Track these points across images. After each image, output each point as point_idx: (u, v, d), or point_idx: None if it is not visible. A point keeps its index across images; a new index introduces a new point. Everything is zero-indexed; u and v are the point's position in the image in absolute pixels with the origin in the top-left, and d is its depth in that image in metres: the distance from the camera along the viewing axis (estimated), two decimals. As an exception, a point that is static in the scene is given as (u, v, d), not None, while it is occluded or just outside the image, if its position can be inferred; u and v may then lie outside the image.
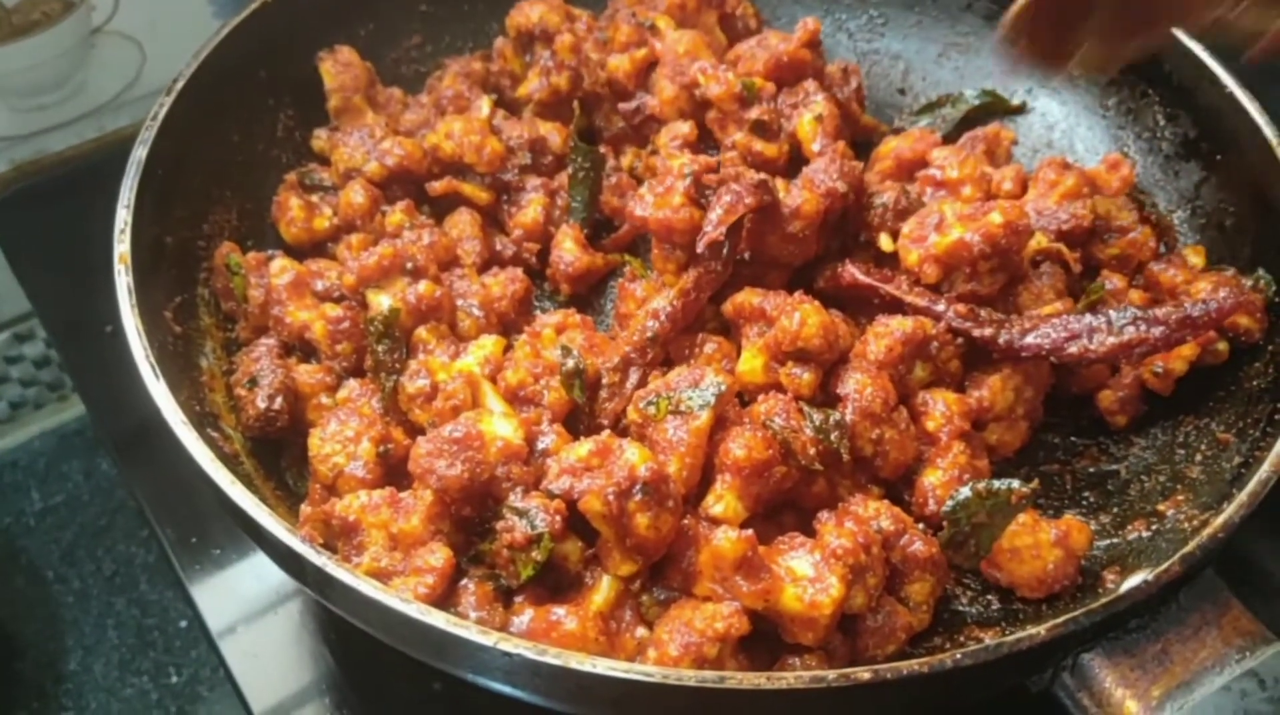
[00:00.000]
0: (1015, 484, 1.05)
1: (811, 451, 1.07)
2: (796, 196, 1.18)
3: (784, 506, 1.11)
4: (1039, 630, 0.89)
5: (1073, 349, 1.13)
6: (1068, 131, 1.53)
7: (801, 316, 1.11)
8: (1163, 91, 1.43)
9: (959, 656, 0.87)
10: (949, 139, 1.48)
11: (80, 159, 1.85)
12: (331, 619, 1.23)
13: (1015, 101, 1.56)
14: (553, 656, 0.86)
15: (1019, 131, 1.53)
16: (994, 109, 1.56)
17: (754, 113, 1.37)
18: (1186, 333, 1.11)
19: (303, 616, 1.30)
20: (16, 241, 1.75)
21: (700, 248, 1.14)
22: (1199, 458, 1.18)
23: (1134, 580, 0.99)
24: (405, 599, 0.90)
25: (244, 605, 1.31)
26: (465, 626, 0.88)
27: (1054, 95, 1.54)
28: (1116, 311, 1.13)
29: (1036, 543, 1.08)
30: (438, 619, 0.88)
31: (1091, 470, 1.23)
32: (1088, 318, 1.14)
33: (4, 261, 1.74)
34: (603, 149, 1.44)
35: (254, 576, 1.33)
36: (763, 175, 1.18)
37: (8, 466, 2.29)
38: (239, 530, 1.03)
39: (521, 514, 0.99)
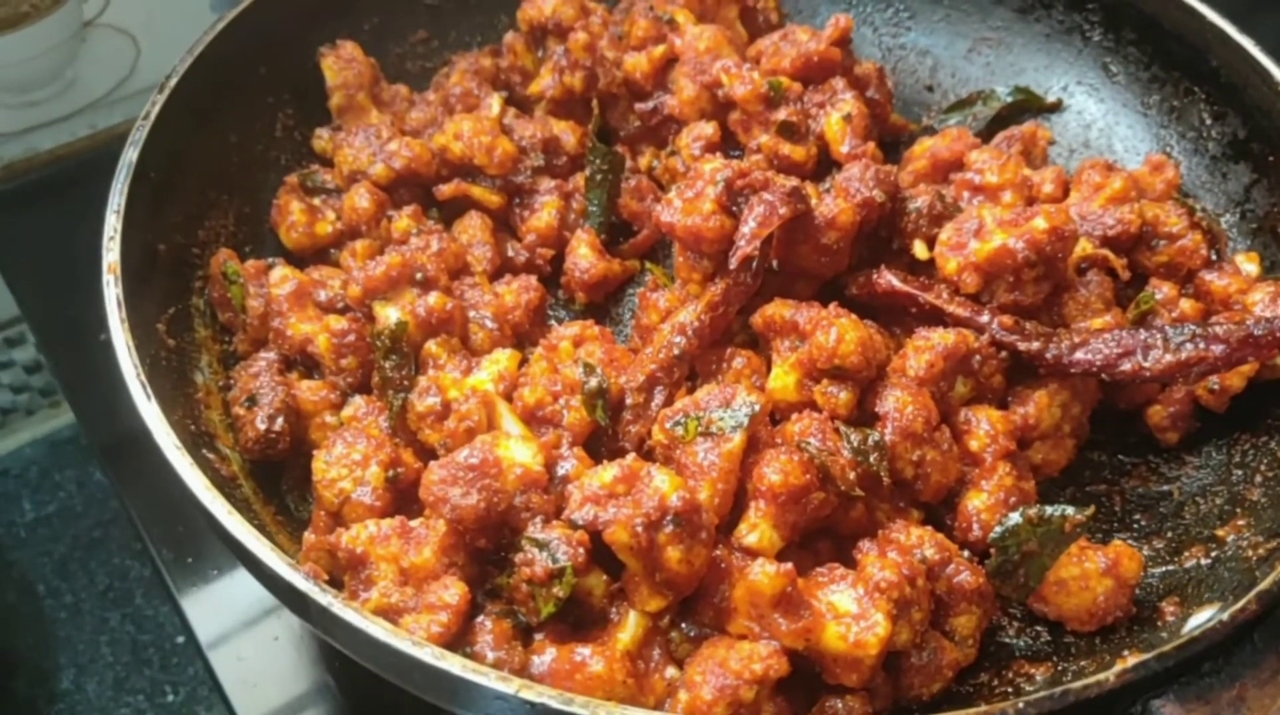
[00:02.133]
0: (1069, 510, 0.98)
1: (851, 476, 1.00)
2: (831, 206, 1.11)
3: (819, 533, 1.04)
4: (1107, 676, 0.82)
5: (1126, 366, 1.07)
6: (1106, 130, 1.46)
7: (839, 332, 1.04)
8: (1209, 89, 1.36)
9: (1021, 706, 0.81)
10: (982, 137, 1.41)
11: (71, 158, 1.81)
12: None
13: (1051, 99, 1.50)
14: (580, 707, 0.79)
15: (1054, 130, 1.48)
16: (1028, 107, 1.50)
17: (780, 114, 1.30)
18: (1249, 352, 1.04)
19: (300, 629, 1.25)
20: (5, 243, 1.69)
21: (733, 263, 1.07)
22: (1259, 479, 1.11)
23: (1202, 616, 0.94)
24: (417, 641, 0.84)
25: (237, 616, 1.26)
26: (484, 673, 0.82)
27: (1091, 93, 1.48)
28: (1174, 328, 1.07)
29: (1084, 573, 1.01)
30: (453, 664, 0.82)
31: (1141, 491, 1.17)
32: (1142, 333, 1.08)
33: (-8, 264, 1.68)
34: (619, 149, 1.38)
35: (248, 588, 1.25)
36: (795, 182, 1.11)
37: (-1, 475, 2.23)
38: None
39: (542, 546, 0.92)
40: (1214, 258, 1.24)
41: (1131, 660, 0.84)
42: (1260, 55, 1.28)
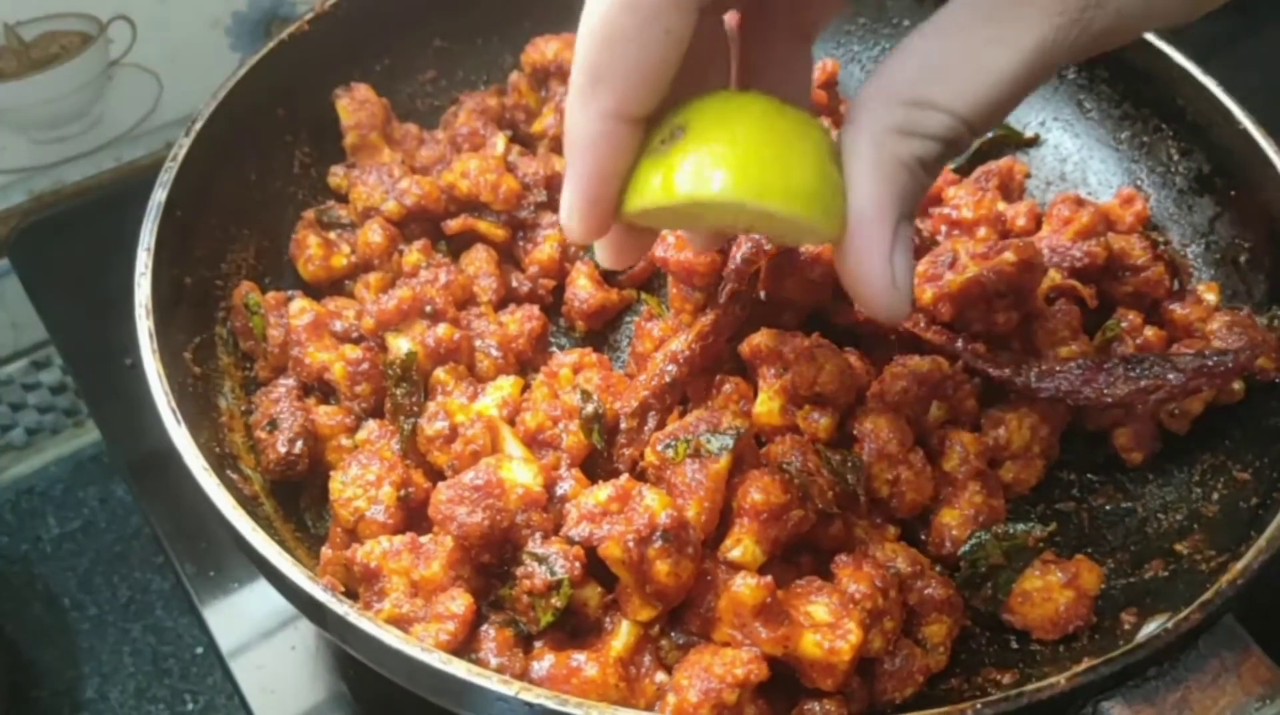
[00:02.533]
0: (1032, 527, 1.05)
1: (829, 494, 1.07)
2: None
3: (801, 548, 1.11)
4: (1059, 680, 0.89)
5: (1088, 392, 1.13)
6: (1080, 164, 1.53)
7: (818, 362, 1.11)
8: (1176, 126, 1.43)
9: (979, 707, 0.87)
10: (962, 172, 1.48)
11: (97, 189, 1.86)
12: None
13: (1029, 134, 1.56)
14: (574, 707, 0.86)
15: (1032, 164, 1.54)
16: (1007, 141, 1.56)
17: (769, 151, 1.37)
18: (1202, 382, 1.11)
19: (316, 639, 1.31)
20: (35, 271, 1.75)
21: (722, 298, 1.15)
22: (1216, 496, 1.17)
23: (1151, 626, 1.00)
24: (426, 648, 0.90)
25: (256, 627, 1.31)
26: (486, 676, 0.88)
27: (1067, 128, 1.54)
28: (1133, 357, 1.13)
29: (1047, 585, 1.08)
30: (459, 668, 0.89)
31: (1108, 508, 1.23)
32: (1105, 361, 1.14)
33: (22, 291, 1.75)
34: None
35: (267, 600, 1.31)
36: (779, 218, 1.18)
37: (25, 493, 2.28)
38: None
39: (541, 560, 0.99)
40: (1177, 287, 1.32)
41: (1082, 665, 0.91)
42: (1222, 95, 1.35)
